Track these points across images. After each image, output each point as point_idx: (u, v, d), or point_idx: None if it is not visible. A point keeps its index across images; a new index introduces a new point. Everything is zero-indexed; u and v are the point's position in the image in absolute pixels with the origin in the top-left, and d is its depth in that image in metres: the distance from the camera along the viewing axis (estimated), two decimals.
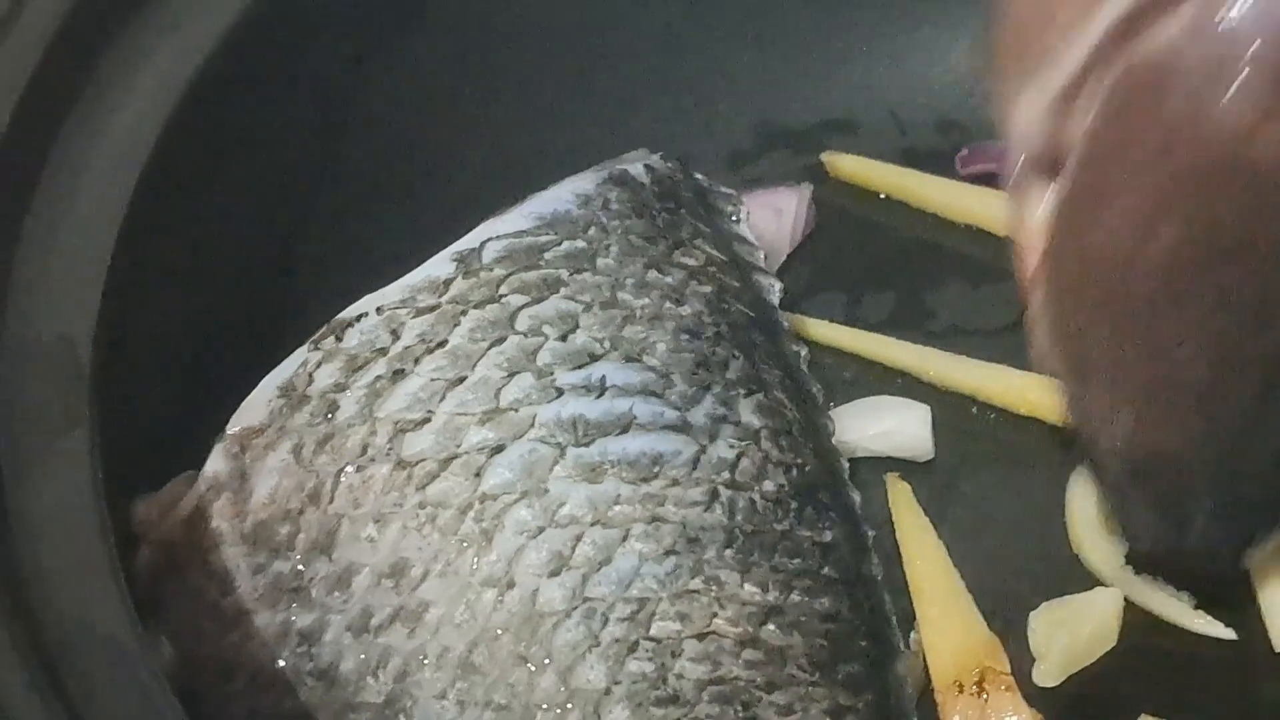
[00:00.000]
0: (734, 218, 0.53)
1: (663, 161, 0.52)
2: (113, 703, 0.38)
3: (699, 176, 0.54)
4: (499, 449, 0.45)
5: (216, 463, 0.45)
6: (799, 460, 0.46)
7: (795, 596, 0.44)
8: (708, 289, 0.49)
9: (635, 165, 0.51)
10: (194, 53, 0.45)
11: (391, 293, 0.47)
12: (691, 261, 0.50)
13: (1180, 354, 0.40)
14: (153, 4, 0.45)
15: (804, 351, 0.51)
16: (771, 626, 0.43)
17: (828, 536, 0.46)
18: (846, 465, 0.50)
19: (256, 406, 0.46)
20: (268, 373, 0.46)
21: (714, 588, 0.43)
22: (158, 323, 0.46)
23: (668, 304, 0.48)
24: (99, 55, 0.44)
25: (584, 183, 0.50)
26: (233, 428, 0.46)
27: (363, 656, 0.43)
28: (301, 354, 0.47)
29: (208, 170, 0.47)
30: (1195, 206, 0.37)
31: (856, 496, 0.49)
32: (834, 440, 0.50)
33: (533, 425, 0.45)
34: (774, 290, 0.52)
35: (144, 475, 0.45)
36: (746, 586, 0.44)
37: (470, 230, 0.48)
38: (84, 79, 0.43)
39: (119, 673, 0.38)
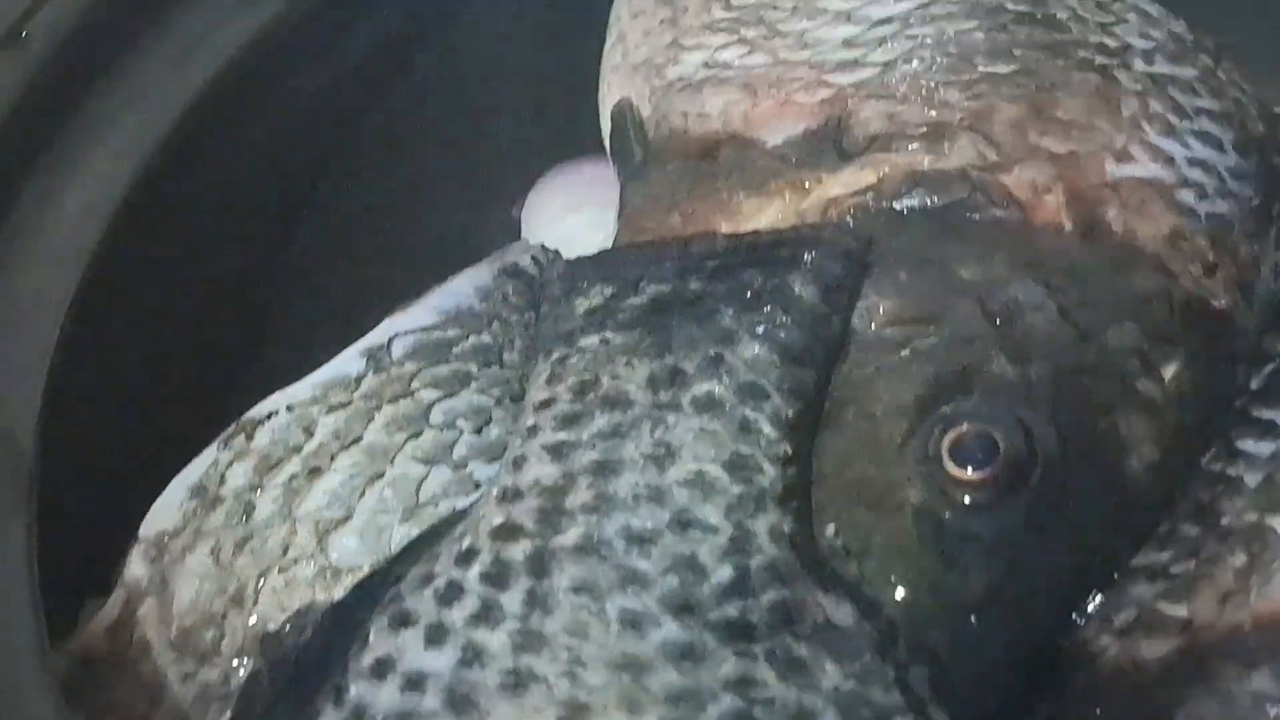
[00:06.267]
0: None
1: (544, 251, 0.54)
2: None
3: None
4: None
5: (136, 568, 0.45)
6: None
7: None
8: None
9: (523, 257, 0.52)
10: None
11: (301, 390, 0.47)
12: None
13: None
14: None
15: None
16: None
17: None
18: None
19: (169, 509, 0.45)
20: None
21: None
22: (103, 415, 0.45)
23: None
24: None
25: (481, 275, 0.51)
26: (147, 531, 0.45)
27: None
28: (211, 454, 0.46)
29: (149, 271, 0.46)
30: None
31: None
32: None
33: None
34: None
35: (86, 573, 0.43)
36: None
37: (373, 323, 0.49)
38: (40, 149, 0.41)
39: None
